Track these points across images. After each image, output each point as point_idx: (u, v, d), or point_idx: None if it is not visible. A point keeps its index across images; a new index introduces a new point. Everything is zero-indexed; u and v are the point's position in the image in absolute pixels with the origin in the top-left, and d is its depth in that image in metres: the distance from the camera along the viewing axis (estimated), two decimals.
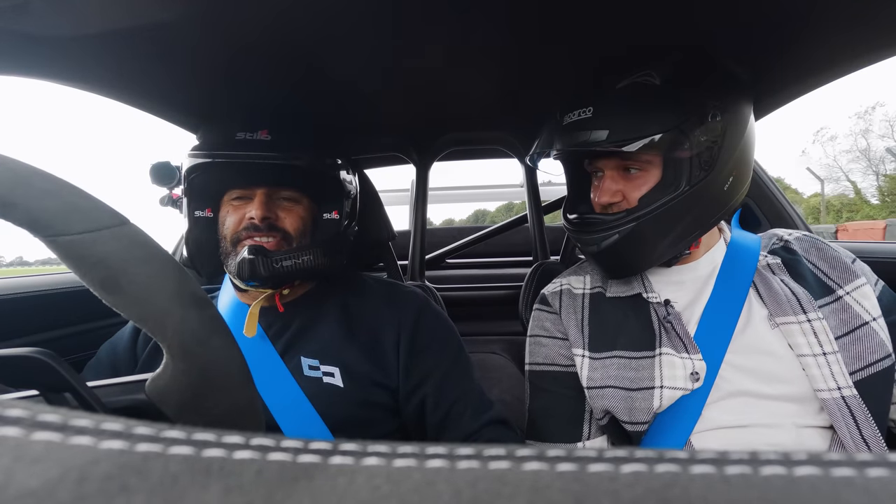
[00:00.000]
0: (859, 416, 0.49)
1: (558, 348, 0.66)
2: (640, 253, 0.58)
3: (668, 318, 0.58)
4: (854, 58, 0.68)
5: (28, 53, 0.58)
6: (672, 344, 0.57)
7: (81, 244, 0.23)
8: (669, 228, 0.56)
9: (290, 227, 0.63)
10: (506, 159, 1.25)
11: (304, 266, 0.61)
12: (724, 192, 0.57)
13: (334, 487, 0.09)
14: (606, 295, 0.66)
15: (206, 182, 0.64)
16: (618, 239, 0.57)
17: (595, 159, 0.61)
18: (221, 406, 0.24)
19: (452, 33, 0.63)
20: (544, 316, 0.70)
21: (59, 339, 0.81)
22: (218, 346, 0.24)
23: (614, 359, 0.59)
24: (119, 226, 0.24)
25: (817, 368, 0.51)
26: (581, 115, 0.57)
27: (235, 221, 0.62)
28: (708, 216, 0.58)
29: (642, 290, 0.62)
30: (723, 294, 0.58)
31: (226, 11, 0.54)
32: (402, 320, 0.66)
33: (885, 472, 0.09)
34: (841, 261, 0.58)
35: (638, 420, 0.55)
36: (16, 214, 0.22)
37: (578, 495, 0.08)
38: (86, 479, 0.09)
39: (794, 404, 0.53)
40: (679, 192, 0.55)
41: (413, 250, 1.14)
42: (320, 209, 0.68)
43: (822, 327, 0.53)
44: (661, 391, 0.55)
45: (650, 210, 0.55)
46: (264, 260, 0.58)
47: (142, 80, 0.70)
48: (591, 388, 0.60)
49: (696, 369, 0.54)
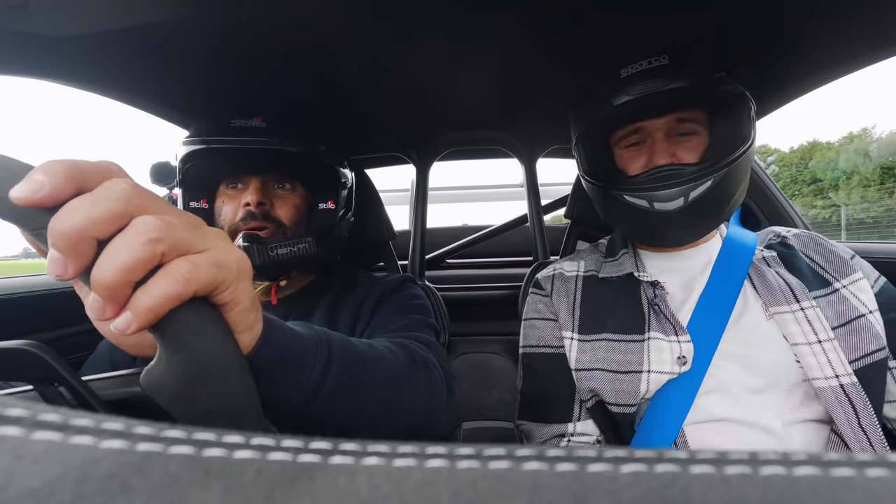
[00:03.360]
0: (858, 404, 0.49)
1: (550, 329, 0.67)
2: (718, 210, 0.57)
3: (656, 300, 0.59)
4: (854, 58, 0.68)
5: (28, 53, 0.58)
6: (661, 326, 0.57)
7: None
8: (738, 184, 0.57)
9: (285, 216, 0.63)
10: (506, 159, 1.25)
11: (300, 254, 0.60)
12: (747, 172, 0.58)
13: (334, 487, 0.09)
14: (599, 276, 0.66)
15: (201, 172, 0.63)
16: (710, 187, 0.54)
17: (648, 119, 0.59)
18: (216, 397, 0.24)
19: (453, 33, 0.63)
20: (537, 299, 0.71)
21: (59, 339, 0.81)
22: (212, 336, 0.24)
23: (603, 341, 0.60)
24: None
25: (812, 357, 0.51)
26: (654, 63, 0.56)
27: (232, 211, 0.62)
28: (745, 189, 0.59)
29: (634, 270, 0.63)
30: (717, 285, 0.59)
31: (225, 11, 0.54)
32: (371, 300, 0.65)
33: (884, 473, 0.09)
34: (838, 255, 0.59)
35: (624, 402, 0.56)
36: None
37: (578, 495, 0.08)
38: (86, 478, 0.09)
39: (788, 394, 0.53)
40: (748, 146, 0.55)
41: (413, 250, 1.14)
42: (315, 199, 0.68)
43: (816, 315, 0.53)
44: (649, 376, 0.55)
45: (732, 160, 0.54)
46: (259, 248, 0.57)
47: (142, 79, 0.70)
48: (580, 370, 0.60)
49: (684, 352, 0.54)
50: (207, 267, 0.23)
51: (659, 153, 0.58)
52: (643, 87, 0.55)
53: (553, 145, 1.17)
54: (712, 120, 0.58)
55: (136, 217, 0.22)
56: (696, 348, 0.55)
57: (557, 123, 1.06)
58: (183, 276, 0.22)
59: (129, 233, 0.21)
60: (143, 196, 0.22)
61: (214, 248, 0.24)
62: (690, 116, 0.58)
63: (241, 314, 0.25)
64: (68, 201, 0.21)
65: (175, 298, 0.22)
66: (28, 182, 0.21)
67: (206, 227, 0.25)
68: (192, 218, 0.24)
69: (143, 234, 0.21)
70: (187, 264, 0.22)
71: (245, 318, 0.26)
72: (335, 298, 0.66)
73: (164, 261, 0.22)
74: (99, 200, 0.21)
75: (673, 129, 0.59)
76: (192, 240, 0.23)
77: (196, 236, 0.23)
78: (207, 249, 0.24)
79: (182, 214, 0.24)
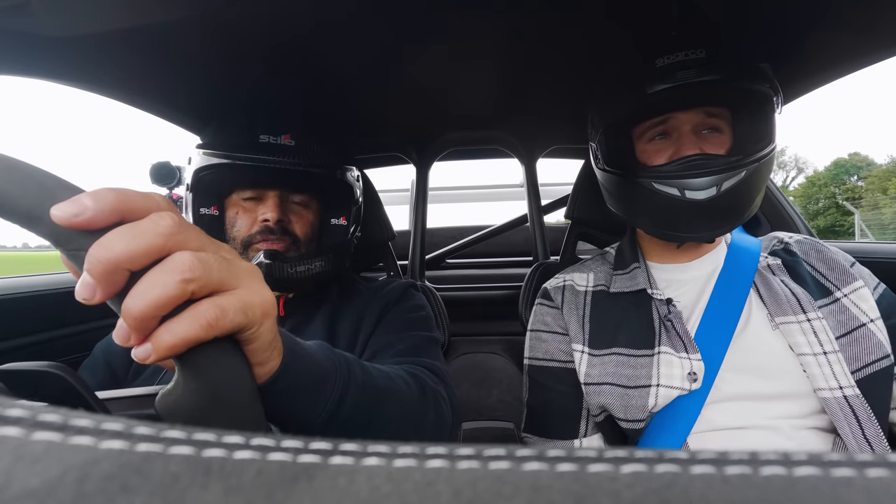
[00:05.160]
0: (862, 415, 0.49)
1: (558, 343, 0.66)
2: (745, 204, 0.57)
3: (669, 316, 0.58)
4: (855, 58, 0.68)
5: (28, 53, 0.58)
6: (671, 343, 0.57)
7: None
8: (761, 186, 0.57)
9: (300, 231, 0.64)
10: (506, 159, 1.25)
11: (317, 271, 0.61)
12: (769, 174, 0.58)
13: (334, 487, 0.09)
14: (610, 291, 0.66)
15: (218, 180, 0.63)
16: (744, 178, 0.54)
17: (680, 110, 0.59)
18: (227, 424, 0.24)
19: (453, 33, 0.63)
20: (545, 311, 0.70)
21: (58, 339, 0.81)
22: (228, 367, 0.24)
23: (613, 356, 0.59)
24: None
25: (818, 367, 0.51)
26: (691, 55, 0.56)
27: (248, 223, 0.62)
28: (762, 195, 0.59)
29: (647, 286, 0.62)
30: (723, 294, 0.58)
31: (226, 11, 0.54)
32: (374, 310, 0.65)
33: (885, 473, 0.09)
34: (839, 263, 0.59)
35: (634, 418, 0.55)
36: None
37: (578, 495, 0.08)
38: (86, 478, 0.09)
39: (794, 405, 0.52)
40: (770, 149, 0.56)
41: (413, 250, 1.14)
42: (328, 214, 0.68)
43: (822, 326, 0.53)
44: (658, 390, 0.54)
45: (762, 155, 0.55)
46: (280, 266, 0.58)
47: (142, 79, 0.70)
48: (589, 385, 0.60)
49: (695, 370, 0.54)
50: (234, 314, 0.23)
51: (687, 144, 0.58)
52: (682, 75, 0.55)
53: (553, 145, 1.17)
54: (737, 118, 0.59)
55: (175, 252, 0.22)
56: (704, 361, 0.54)
57: (557, 123, 1.06)
58: (207, 322, 0.22)
59: (165, 268, 0.22)
60: (184, 232, 0.23)
61: (245, 287, 0.24)
62: (718, 112, 0.59)
63: (259, 352, 0.26)
64: (111, 229, 0.22)
65: (195, 341, 0.22)
66: (72, 204, 0.21)
67: (239, 262, 0.25)
68: (226, 251, 0.25)
69: (178, 272, 0.22)
70: (214, 310, 0.23)
71: (262, 355, 0.26)
72: (334, 308, 0.66)
73: (194, 297, 0.23)
74: (140, 233, 0.22)
75: (700, 123, 0.59)
76: (225, 278, 0.24)
77: (229, 274, 0.24)
78: (237, 289, 0.24)
79: (218, 248, 0.25)
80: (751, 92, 0.57)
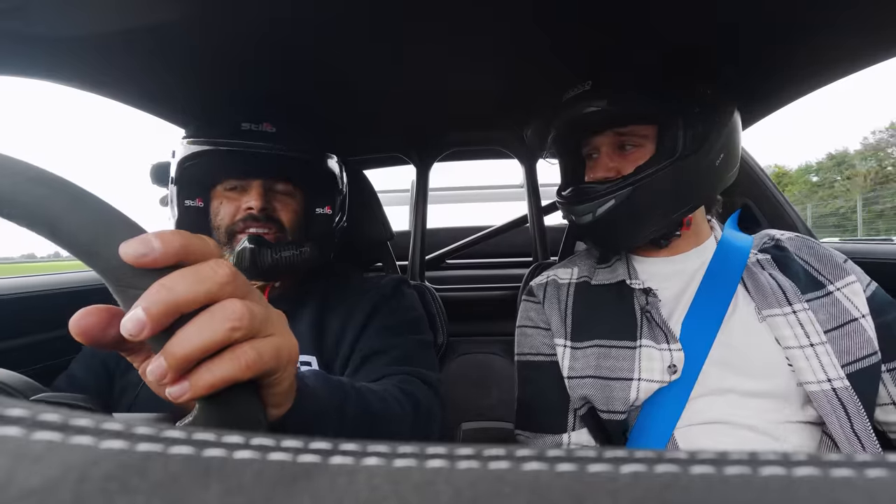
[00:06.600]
0: (851, 408, 0.49)
1: (542, 338, 0.67)
2: (635, 222, 0.60)
3: (648, 306, 0.59)
4: (854, 59, 0.68)
5: (28, 53, 0.58)
6: (653, 334, 0.57)
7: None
8: (663, 197, 0.58)
9: (286, 218, 0.64)
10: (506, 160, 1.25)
11: (304, 258, 0.61)
12: (715, 167, 0.59)
13: (334, 487, 0.09)
14: (592, 283, 0.67)
15: (202, 171, 0.63)
16: (614, 205, 0.58)
17: (592, 137, 0.63)
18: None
19: (453, 33, 0.63)
20: (530, 307, 0.71)
21: (58, 339, 0.81)
22: (247, 407, 0.25)
23: (594, 347, 0.60)
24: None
25: (805, 360, 0.51)
26: (579, 90, 0.61)
27: (231, 212, 0.62)
28: (701, 189, 0.60)
29: (626, 277, 0.63)
30: (710, 289, 0.59)
31: (225, 11, 0.54)
32: (364, 306, 0.64)
33: (884, 473, 0.09)
34: (832, 258, 0.59)
35: (614, 409, 0.56)
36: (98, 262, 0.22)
37: (578, 495, 0.08)
38: (86, 478, 0.09)
39: (780, 399, 0.52)
40: (673, 160, 0.57)
41: (413, 251, 1.14)
42: (313, 204, 0.68)
43: (809, 318, 0.53)
44: (639, 384, 0.55)
45: (646, 175, 0.57)
46: (265, 250, 0.58)
47: (142, 80, 0.70)
48: (572, 378, 0.60)
49: (674, 361, 0.55)
50: (269, 358, 0.24)
51: (598, 167, 0.63)
52: (572, 111, 0.61)
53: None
54: (658, 133, 0.60)
55: (226, 300, 0.23)
56: (687, 354, 0.55)
57: None
58: (247, 364, 0.23)
59: (216, 315, 0.23)
60: (236, 282, 0.24)
61: (277, 334, 0.25)
62: (629, 131, 0.61)
63: (279, 395, 0.27)
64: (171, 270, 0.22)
65: (233, 381, 0.23)
66: (141, 244, 0.22)
67: (272, 309, 0.26)
68: (257, 297, 0.26)
69: (228, 320, 0.23)
70: (253, 353, 0.23)
71: (280, 398, 0.27)
72: (323, 301, 0.66)
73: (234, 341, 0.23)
74: (202, 280, 0.23)
75: (615, 143, 0.62)
76: (263, 326, 0.25)
77: (266, 322, 0.25)
78: (272, 335, 0.25)
79: (257, 295, 0.26)
80: (637, 115, 0.60)
